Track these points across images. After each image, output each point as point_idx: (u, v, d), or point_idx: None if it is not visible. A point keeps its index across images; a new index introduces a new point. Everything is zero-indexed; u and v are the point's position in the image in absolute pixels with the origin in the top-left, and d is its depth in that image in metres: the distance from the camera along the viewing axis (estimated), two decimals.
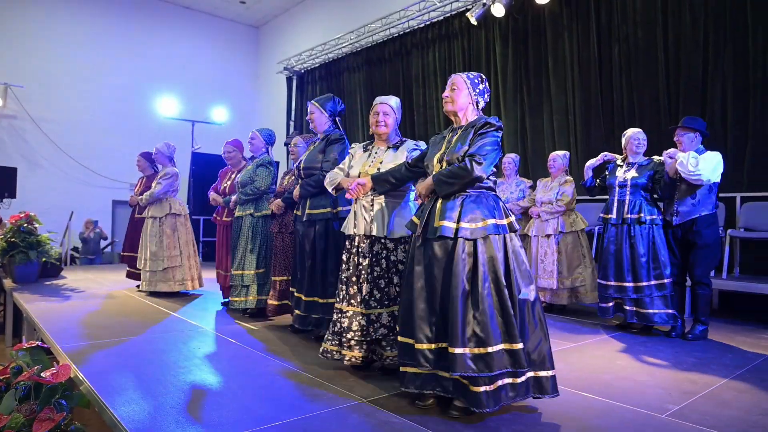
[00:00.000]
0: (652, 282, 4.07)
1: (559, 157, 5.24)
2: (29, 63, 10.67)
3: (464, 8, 7.93)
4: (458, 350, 2.27)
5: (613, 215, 4.26)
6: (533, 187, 5.60)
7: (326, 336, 3.11)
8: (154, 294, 5.74)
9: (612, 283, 4.22)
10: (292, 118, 12.00)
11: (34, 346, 3.43)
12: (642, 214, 4.13)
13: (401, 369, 2.54)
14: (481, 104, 2.65)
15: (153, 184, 5.97)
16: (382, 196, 3.00)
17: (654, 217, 4.14)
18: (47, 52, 10.86)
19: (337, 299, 3.08)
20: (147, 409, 2.44)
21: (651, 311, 4.07)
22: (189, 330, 4.17)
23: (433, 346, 2.39)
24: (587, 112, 6.65)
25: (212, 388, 2.78)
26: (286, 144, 11.45)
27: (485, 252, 2.38)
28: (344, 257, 3.10)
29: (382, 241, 2.99)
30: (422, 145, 3.11)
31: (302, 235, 3.72)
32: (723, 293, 5.44)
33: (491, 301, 2.33)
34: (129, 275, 6.47)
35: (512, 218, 2.51)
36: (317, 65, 11.24)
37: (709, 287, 4.10)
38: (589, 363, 3.39)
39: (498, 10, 7.08)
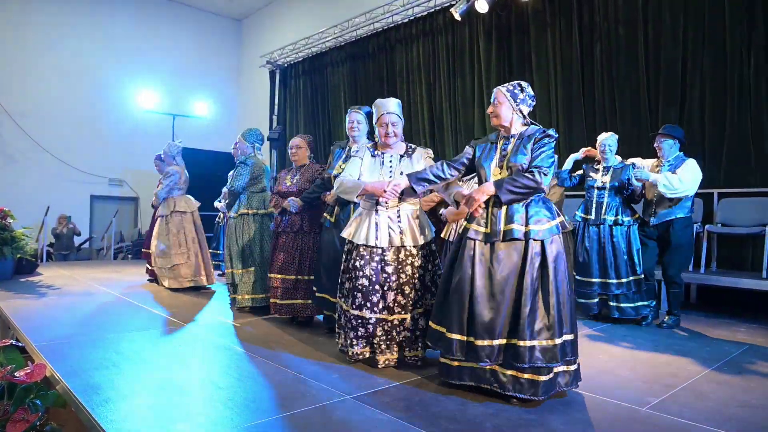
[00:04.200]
0: (631, 278, 4.33)
1: None
2: (3, 55, 10.38)
3: (448, 4, 7.91)
4: (528, 343, 2.45)
5: (592, 216, 4.46)
6: None
7: (348, 339, 3.10)
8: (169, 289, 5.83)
9: (596, 280, 4.40)
10: (275, 112, 11.89)
11: (8, 345, 3.32)
12: (619, 216, 4.37)
13: (447, 361, 2.68)
14: (526, 111, 2.74)
15: (157, 185, 6.17)
16: (405, 205, 3.07)
17: (629, 218, 4.40)
18: (22, 44, 10.57)
19: (353, 306, 3.05)
20: (125, 408, 2.39)
21: (631, 305, 4.36)
22: (169, 327, 4.10)
23: (495, 342, 2.53)
24: (569, 108, 6.70)
25: (192, 386, 2.74)
26: (269, 139, 11.36)
27: (552, 251, 2.57)
28: (357, 264, 3.05)
29: (407, 248, 3.05)
30: (431, 152, 3.34)
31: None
32: (701, 287, 5.54)
33: (558, 296, 2.53)
34: (147, 271, 6.55)
35: (562, 217, 2.73)
36: (300, 59, 11.15)
37: (680, 286, 4.37)
38: None
39: (481, 6, 7.08)
